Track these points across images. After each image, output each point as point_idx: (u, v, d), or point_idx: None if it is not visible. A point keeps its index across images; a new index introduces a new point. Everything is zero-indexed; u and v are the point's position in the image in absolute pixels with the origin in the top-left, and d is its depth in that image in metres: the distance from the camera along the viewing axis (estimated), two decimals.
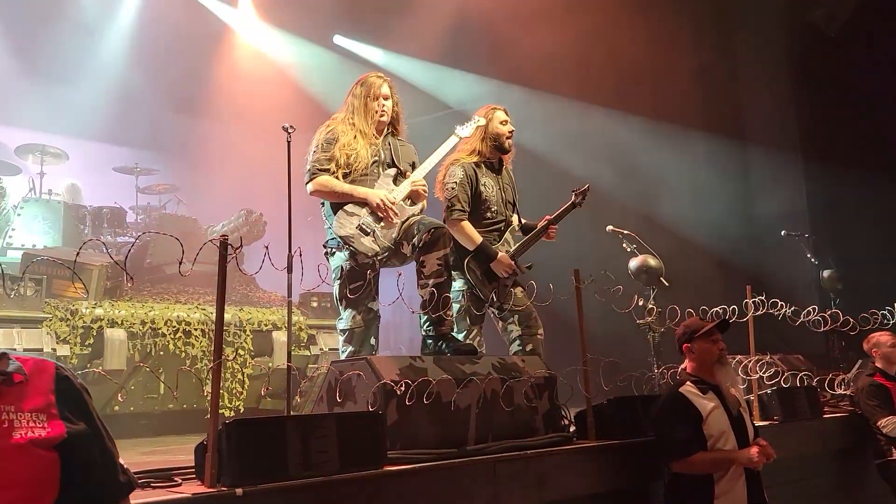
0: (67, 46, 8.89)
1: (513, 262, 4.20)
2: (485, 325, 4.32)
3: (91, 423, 1.58)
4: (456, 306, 4.14)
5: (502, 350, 4.28)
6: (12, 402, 1.44)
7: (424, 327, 3.71)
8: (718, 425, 3.32)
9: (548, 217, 4.33)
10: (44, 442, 1.45)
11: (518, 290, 4.29)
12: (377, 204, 3.70)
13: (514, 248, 4.27)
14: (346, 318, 3.76)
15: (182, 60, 9.44)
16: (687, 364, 3.56)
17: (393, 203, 3.73)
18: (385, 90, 3.97)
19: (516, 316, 4.25)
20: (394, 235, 3.71)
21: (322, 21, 9.60)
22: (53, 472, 1.45)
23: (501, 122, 4.37)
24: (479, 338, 4.21)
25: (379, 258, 3.70)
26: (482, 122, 4.29)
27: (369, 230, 3.70)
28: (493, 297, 4.19)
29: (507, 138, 4.36)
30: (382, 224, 3.72)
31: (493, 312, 4.30)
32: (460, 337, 3.98)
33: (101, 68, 9.25)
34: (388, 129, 4.01)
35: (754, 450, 3.28)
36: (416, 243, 3.65)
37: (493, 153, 4.37)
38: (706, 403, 3.35)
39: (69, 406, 1.54)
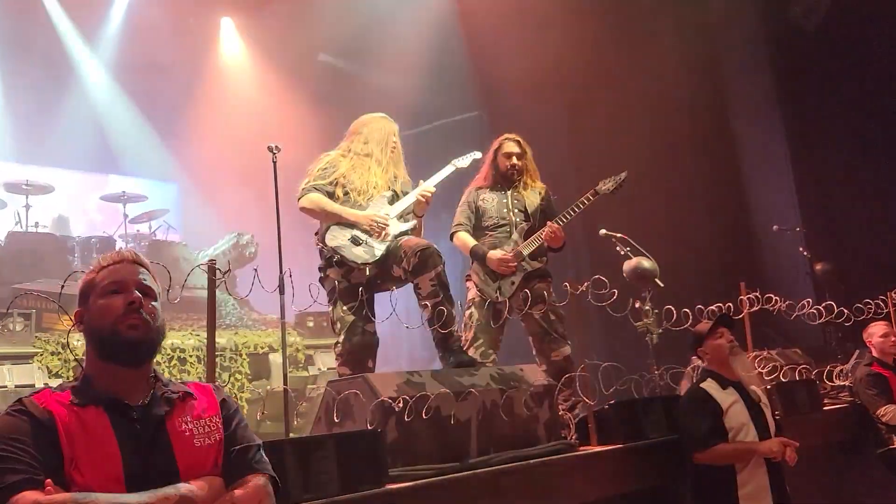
0: (49, 77, 8.88)
1: (507, 255, 4.31)
2: (508, 334, 4.40)
3: (234, 431, 1.89)
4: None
5: (529, 358, 4.28)
6: (187, 413, 1.81)
7: (437, 348, 3.74)
8: (738, 418, 3.42)
9: (592, 190, 4.43)
10: (215, 445, 1.83)
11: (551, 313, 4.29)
12: (369, 225, 3.73)
13: (523, 243, 4.37)
14: (342, 342, 3.75)
15: (166, 85, 9.42)
16: (707, 363, 3.66)
17: (384, 220, 3.76)
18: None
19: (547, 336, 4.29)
20: (385, 245, 3.73)
21: (306, 40, 9.59)
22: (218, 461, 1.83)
23: (505, 155, 4.52)
24: (483, 348, 4.22)
25: (370, 266, 3.69)
26: (478, 155, 4.42)
27: (360, 241, 3.72)
28: (500, 296, 4.27)
29: (510, 170, 4.51)
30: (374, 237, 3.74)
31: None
32: (471, 349, 4.09)
33: (83, 97, 9.24)
34: None
35: (775, 441, 3.39)
36: (406, 267, 3.67)
37: (502, 181, 4.55)
38: (726, 397, 3.46)
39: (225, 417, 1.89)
